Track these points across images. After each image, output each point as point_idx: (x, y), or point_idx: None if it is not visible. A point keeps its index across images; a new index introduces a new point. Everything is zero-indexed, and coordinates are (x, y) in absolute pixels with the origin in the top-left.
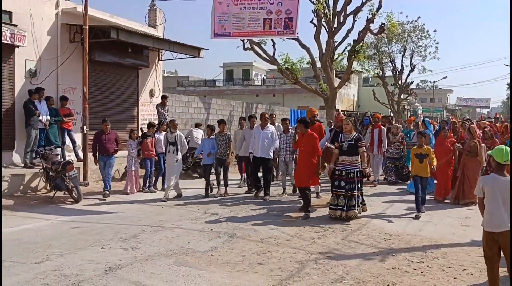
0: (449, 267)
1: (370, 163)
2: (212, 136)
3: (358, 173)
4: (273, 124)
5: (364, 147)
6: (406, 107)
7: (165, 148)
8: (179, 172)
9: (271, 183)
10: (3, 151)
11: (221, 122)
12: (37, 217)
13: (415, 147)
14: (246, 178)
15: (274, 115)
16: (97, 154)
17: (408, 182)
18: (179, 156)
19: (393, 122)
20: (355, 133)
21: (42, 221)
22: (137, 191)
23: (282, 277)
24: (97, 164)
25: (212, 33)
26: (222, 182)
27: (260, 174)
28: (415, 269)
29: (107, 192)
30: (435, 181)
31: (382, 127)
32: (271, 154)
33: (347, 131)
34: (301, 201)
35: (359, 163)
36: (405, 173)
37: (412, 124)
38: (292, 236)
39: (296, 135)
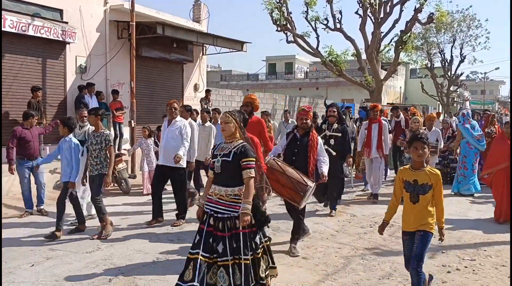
0: (503, 265)
1: (366, 170)
2: (69, 136)
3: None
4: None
5: (254, 169)
6: (455, 99)
7: None
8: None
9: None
10: (54, 145)
11: (91, 113)
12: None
13: (406, 167)
14: None
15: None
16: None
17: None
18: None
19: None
20: (240, 141)
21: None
22: None
23: (327, 272)
24: (15, 172)
25: None
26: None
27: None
28: (466, 267)
29: (28, 211)
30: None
31: (383, 121)
32: (180, 161)
33: (228, 136)
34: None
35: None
36: None
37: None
38: (337, 231)
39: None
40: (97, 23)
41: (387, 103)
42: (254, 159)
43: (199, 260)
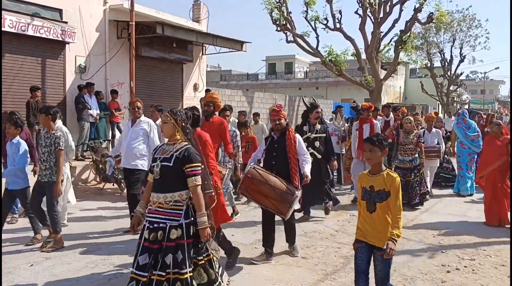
0: (503, 265)
1: (352, 172)
2: (16, 139)
3: (176, 229)
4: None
5: (200, 176)
6: (455, 99)
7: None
8: (66, 187)
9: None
10: None
11: (42, 111)
12: (88, 208)
13: (365, 172)
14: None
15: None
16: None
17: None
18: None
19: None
20: (184, 143)
21: (92, 212)
22: None
23: (326, 272)
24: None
25: None
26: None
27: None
28: (466, 267)
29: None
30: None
31: (375, 121)
32: (142, 163)
33: (167, 137)
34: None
35: (185, 208)
36: (423, 192)
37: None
38: (336, 230)
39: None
40: (97, 23)
41: (387, 103)
42: (200, 164)
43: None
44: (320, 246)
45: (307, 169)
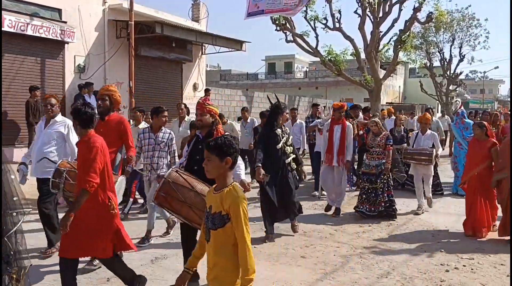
0: (502, 264)
1: (321, 178)
2: None
3: None
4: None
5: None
6: (455, 98)
7: None
8: None
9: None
10: None
11: None
12: None
13: (213, 187)
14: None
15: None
16: None
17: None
18: None
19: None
20: None
21: None
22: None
23: (325, 271)
24: None
25: (245, 14)
26: None
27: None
28: (465, 266)
29: None
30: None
31: (347, 123)
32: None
33: None
34: None
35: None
36: (388, 200)
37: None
38: (336, 230)
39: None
40: (96, 23)
41: (386, 103)
42: None
43: None
44: (319, 245)
45: (243, 176)
